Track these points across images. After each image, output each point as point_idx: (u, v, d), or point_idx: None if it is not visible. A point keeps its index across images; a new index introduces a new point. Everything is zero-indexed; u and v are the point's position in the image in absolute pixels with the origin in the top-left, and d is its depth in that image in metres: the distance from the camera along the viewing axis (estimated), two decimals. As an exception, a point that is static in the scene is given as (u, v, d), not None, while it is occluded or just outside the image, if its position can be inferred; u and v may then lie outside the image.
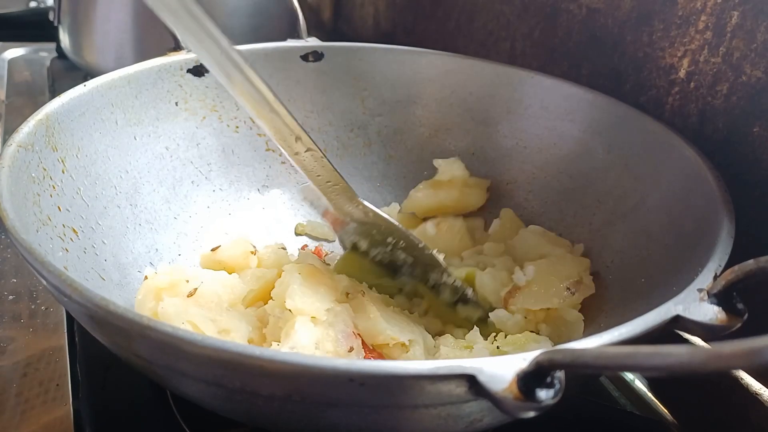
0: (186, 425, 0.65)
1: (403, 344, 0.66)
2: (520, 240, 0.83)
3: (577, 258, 0.77)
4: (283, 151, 0.69)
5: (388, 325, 0.66)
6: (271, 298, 0.68)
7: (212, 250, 0.81)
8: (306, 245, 0.91)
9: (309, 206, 0.90)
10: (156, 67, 0.84)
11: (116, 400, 0.68)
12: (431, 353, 0.68)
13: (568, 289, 0.72)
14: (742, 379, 0.68)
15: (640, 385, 0.80)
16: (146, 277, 0.69)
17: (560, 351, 0.38)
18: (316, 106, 0.97)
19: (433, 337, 0.71)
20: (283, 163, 0.95)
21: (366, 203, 0.77)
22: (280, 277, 0.69)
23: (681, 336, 0.66)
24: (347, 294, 0.70)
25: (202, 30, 0.58)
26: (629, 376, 0.80)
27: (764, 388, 0.66)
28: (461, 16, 1.18)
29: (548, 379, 0.38)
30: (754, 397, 0.66)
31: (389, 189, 0.96)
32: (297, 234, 0.93)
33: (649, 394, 0.78)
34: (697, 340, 0.69)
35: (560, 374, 0.38)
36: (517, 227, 0.87)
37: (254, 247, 0.82)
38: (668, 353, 0.31)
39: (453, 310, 0.76)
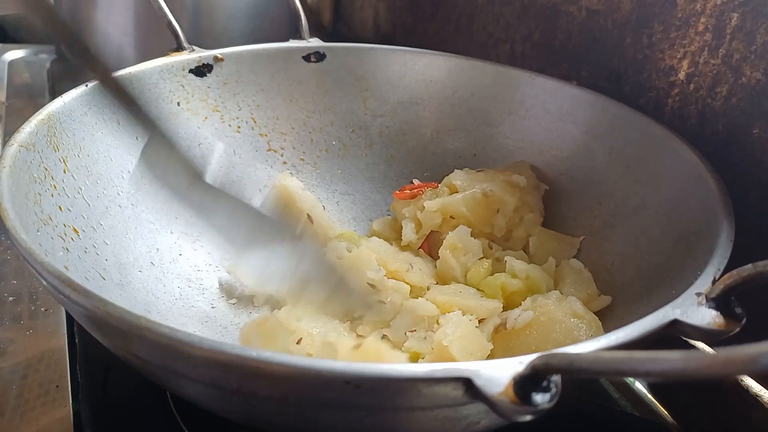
0: (186, 426, 0.65)
1: None
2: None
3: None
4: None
5: None
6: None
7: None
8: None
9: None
10: (158, 68, 0.84)
11: (116, 402, 0.68)
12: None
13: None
14: (742, 380, 0.67)
15: (640, 386, 0.79)
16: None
17: (556, 355, 0.38)
18: (318, 106, 0.97)
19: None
20: (284, 163, 0.95)
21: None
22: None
23: (686, 339, 0.66)
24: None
25: None
26: (629, 377, 0.80)
27: (764, 390, 0.66)
28: (461, 18, 1.18)
29: (544, 383, 0.38)
30: (754, 399, 0.66)
31: (390, 190, 0.96)
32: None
33: (649, 396, 0.78)
34: (701, 344, 0.69)
35: (556, 378, 0.38)
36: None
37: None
38: (663, 359, 0.31)
39: None
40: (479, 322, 0.71)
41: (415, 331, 0.71)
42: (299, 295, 0.69)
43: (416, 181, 0.92)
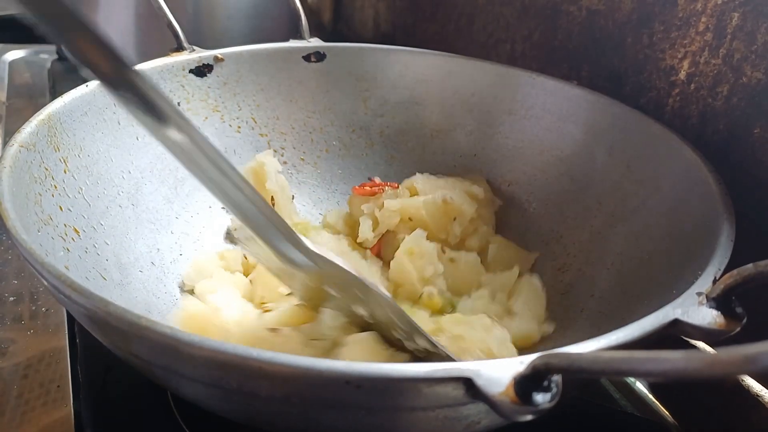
0: (186, 426, 0.65)
1: None
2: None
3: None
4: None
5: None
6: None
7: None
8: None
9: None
10: (158, 68, 0.84)
11: (117, 402, 0.68)
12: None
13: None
14: (743, 380, 0.67)
15: (641, 386, 0.79)
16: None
17: (557, 355, 0.38)
18: (318, 106, 0.97)
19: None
20: (285, 163, 0.96)
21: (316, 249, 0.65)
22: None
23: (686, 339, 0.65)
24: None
25: None
26: (630, 377, 0.80)
27: (765, 390, 0.66)
28: (461, 19, 1.18)
29: (545, 383, 0.38)
30: (755, 399, 0.66)
31: (390, 190, 0.97)
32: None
33: (650, 396, 0.78)
34: (701, 344, 0.69)
35: (557, 378, 0.38)
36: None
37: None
38: (664, 359, 0.31)
39: None
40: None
41: (323, 340, 0.68)
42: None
43: (377, 179, 0.93)
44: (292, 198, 0.93)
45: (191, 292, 0.77)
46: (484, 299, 0.77)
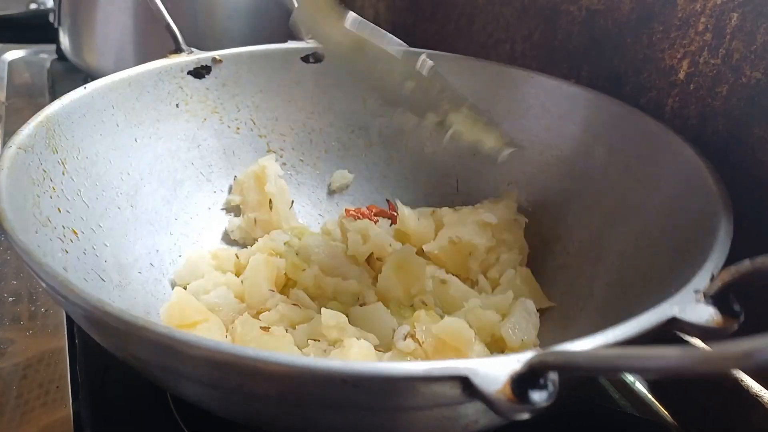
0: (186, 427, 0.65)
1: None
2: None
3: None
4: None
5: None
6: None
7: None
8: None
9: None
10: (157, 69, 0.84)
11: (116, 402, 0.68)
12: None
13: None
14: (742, 380, 0.67)
15: (640, 386, 0.79)
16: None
17: (553, 353, 0.38)
18: (317, 107, 0.97)
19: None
20: (284, 164, 0.96)
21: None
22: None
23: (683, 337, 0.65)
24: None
25: None
26: (629, 377, 0.80)
27: (764, 390, 0.66)
28: (461, 19, 1.18)
29: (541, 381, 0.38)
30: (754, 399, 0.66)
31: (390, 190, 0.96)
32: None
33: (650, 396, 0.78)
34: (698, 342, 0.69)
35: (554, 376, 0.38)
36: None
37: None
38: (660, 355, 0.31)
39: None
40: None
41: (319, 341, 0.69)
42: None
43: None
44: (291, 203, 0.93)
45: (184, 288, 0.76)
46: (476, 311, 0.75)
